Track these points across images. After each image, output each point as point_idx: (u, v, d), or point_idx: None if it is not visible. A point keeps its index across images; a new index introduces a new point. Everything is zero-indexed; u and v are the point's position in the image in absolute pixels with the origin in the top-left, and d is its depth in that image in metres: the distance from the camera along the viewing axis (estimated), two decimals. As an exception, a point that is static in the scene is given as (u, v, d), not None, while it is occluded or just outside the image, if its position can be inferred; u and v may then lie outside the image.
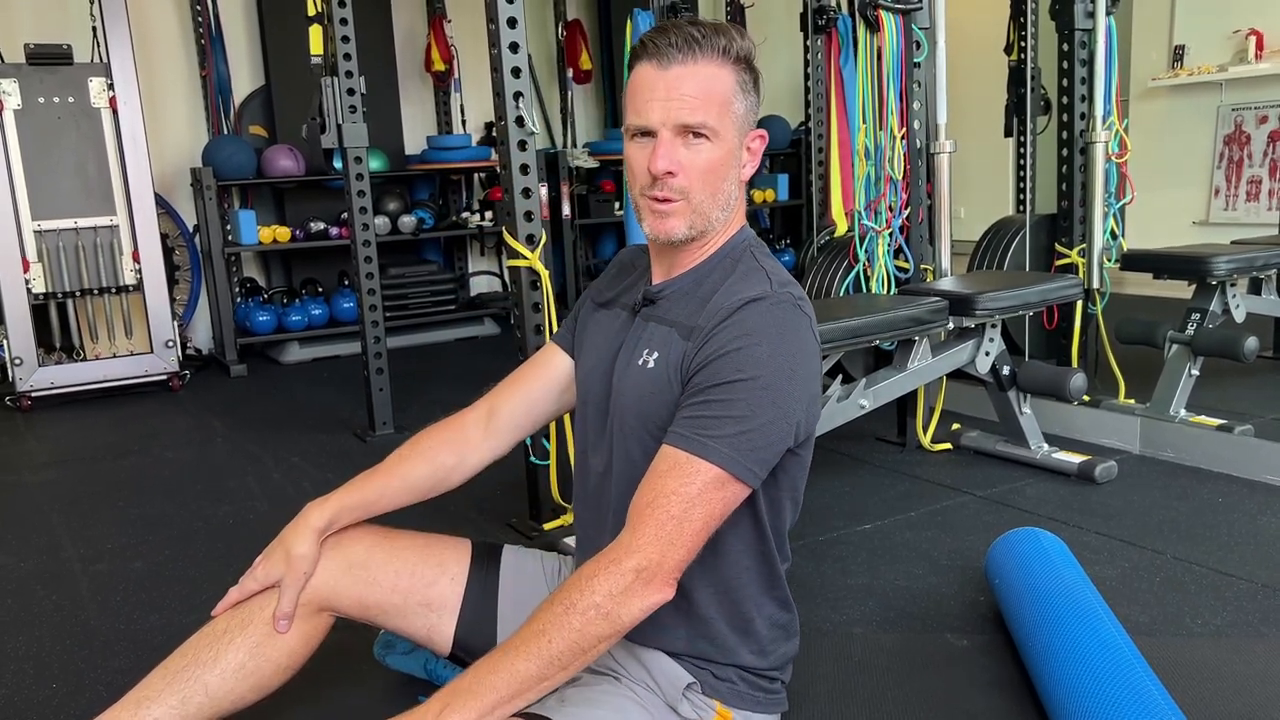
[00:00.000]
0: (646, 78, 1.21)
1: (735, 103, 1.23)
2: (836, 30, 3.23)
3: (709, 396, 1.15)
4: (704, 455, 1.13)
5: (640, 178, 1.24)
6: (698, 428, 1.14)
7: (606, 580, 1.09)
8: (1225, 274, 2.99)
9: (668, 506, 1.11)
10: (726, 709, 1.31)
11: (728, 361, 1.15)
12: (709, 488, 1.13)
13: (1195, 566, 2.13)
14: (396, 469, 1.46)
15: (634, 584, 1.09)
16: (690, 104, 1.19)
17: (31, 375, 4.18)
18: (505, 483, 2.78)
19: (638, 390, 1.26)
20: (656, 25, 1.23)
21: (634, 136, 1.24)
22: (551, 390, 1.51)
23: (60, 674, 1.90)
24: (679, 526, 1.11)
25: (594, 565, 1.12)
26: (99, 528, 2.72)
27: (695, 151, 1.21)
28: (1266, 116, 5.35)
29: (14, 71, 4.11)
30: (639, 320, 1.33)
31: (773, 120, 6.29)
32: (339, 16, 3.32)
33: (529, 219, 2.39)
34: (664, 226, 1.24)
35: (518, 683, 1.09)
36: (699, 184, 1.22)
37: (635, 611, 1.11)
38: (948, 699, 1.66)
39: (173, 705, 1.30)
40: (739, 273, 1.26)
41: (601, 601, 1.09)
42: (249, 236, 4.90)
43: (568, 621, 1.09)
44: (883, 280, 3.20)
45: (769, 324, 1.18)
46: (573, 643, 1.09)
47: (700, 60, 1.20)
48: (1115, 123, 3.31)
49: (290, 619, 1.36)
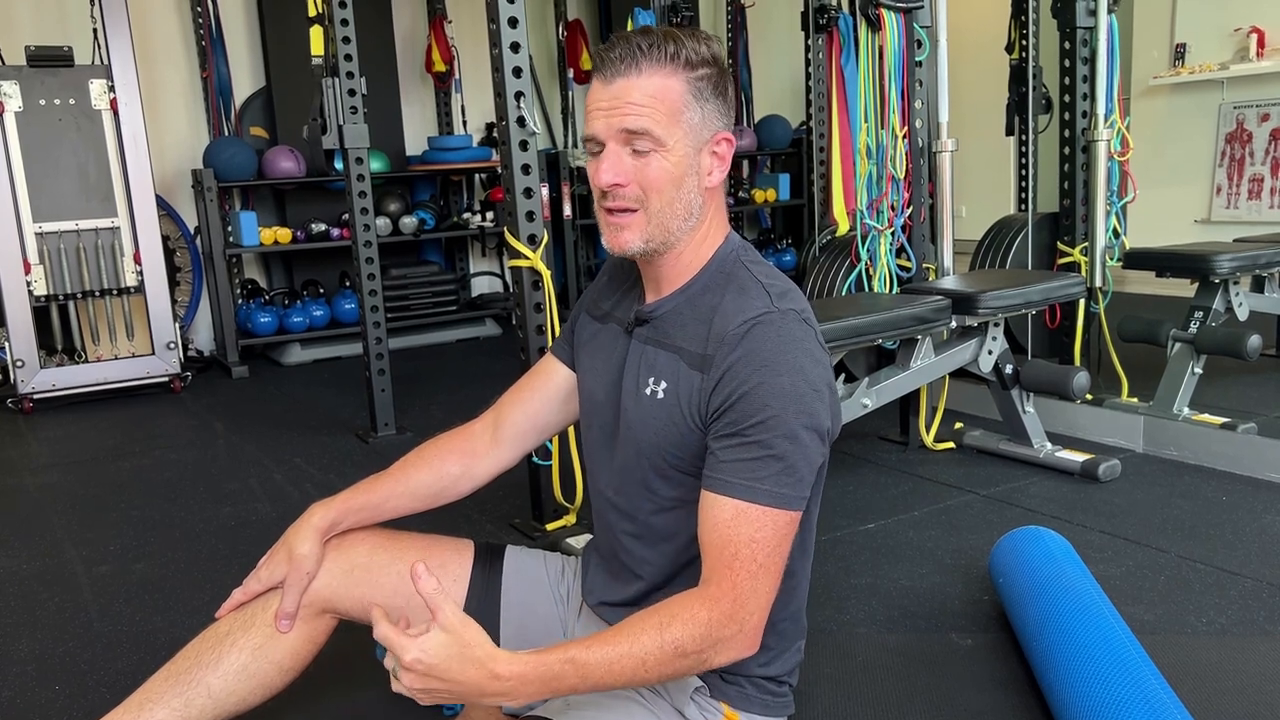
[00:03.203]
0: (594, 91, 1.20)
1: (687, 111, 1.18)
2: (838, 29, 3.22)
3: (747, 438, 1.14)
4: (765, 502, 1.13)
5: (596, 190, 1.23)
6: (746, 474, 1.13)
7: (708, 632, 1.10)
8: (1228, 272, 2.99)
9: (752, 555, 1.12)
10: (734, 712, 1.31)
11: (753, 400, 1.14)
12: (781, 529, 1.14)
13: (1199, 565, 2.12)
14: (403, 475, 1.45)
15: (733, 639, 1.12)
16: (633, 110, 1.16)
17: (33, 377, 4.18)
18: (508, 483, 2.76)
19: (650, 422, 1.25)
20: (612, 37, 1.21)
21: (590, 152, 1.23)
22: (553, 403, 1.50)
23: (63, 676, 1.90)
24: (766, 575, 1.14)
25: (698, 610, 1.11)
26: (101, 529, 2.72)
27: (644, 161, 1.18)
28: (1268, 114, 5.34)
29: (15, 73, 4.11)
30: (636, 342, 1.30)
31: (774, 119, 6.29)
32: (339, 17, 3.32)
33: (530, 219, 2.39)
34: (618, 240, 1.22)
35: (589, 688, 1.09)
36: (652, 193, 1.19)
37: (723, 662, 1.13)
38: (952, 698, 1.66)
39: (175, 707, 1.30)
40: (734, 288, 1.24)
41: (701, 650, 1.10)
42: (250, 238, 4.90)
43: (667, 663, 1.09)
44: (885, 279, 3.19)
45: (780, 348, 1.16)
46: (659, 677, 1.11)
47: (644, 71, 1.16)
48: (1117, 121, 3.31)
49: (292, 619, 1.35)
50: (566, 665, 1.07)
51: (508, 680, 1.04)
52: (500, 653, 1.05)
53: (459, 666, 1.03)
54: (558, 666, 1.06)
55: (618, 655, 1.07)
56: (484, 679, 1.04)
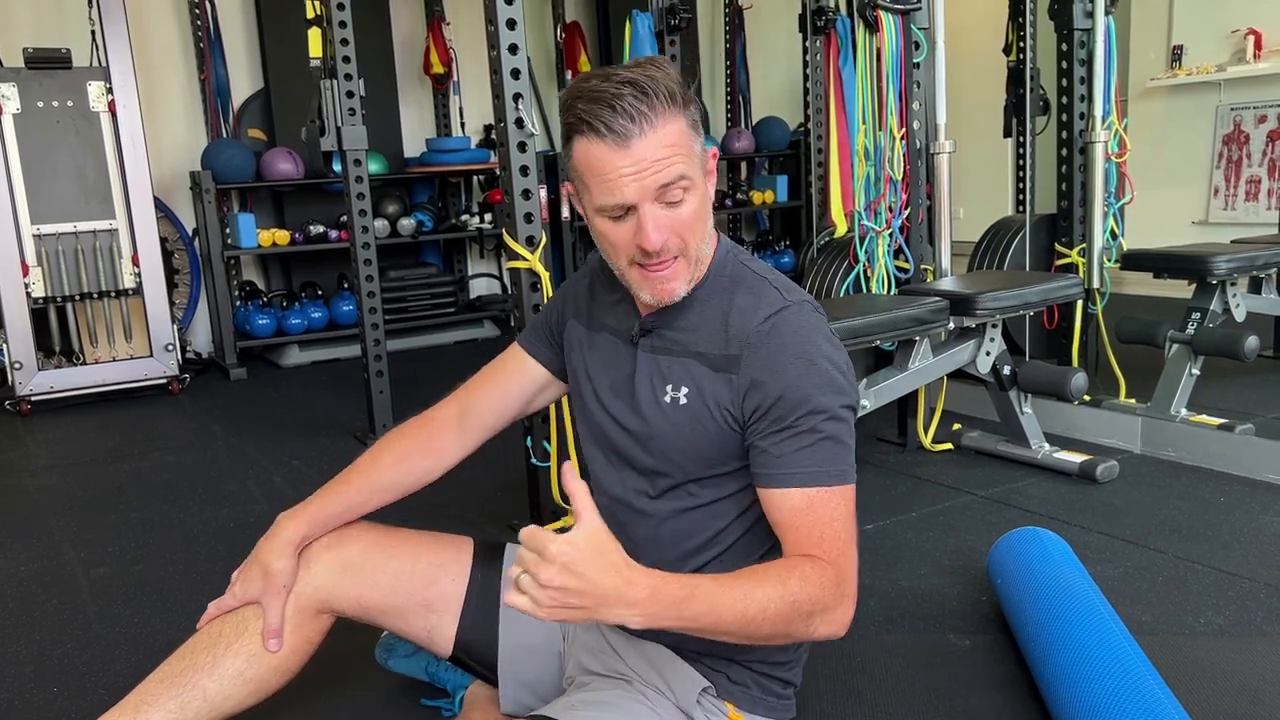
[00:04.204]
0: (605, 157, 1.14)
1: (694, 143, 1.19)
2: (835, 31, 3.22)
3: (798, 429, 1.17)
4: (831, 483, 1.17)
5: (626, 250, 1.20)
6: (806, 462, 1.17)
7: (821, 594, 1.12)
8: (1225, 273, 2.99)
9: (835, 533, 1.16)
10: (739, 713, 1.31)
11: (796, 392, 1.18)
12: (849, 501, 1.19)
13: (1197, 565, 2.13)
14: (368, 477, 1.44)
15: (836, 607, 1.14)
16: (661, 165, 1.14)
17: (31, 379, 4.18)
18: (506, 484, 2.78)
19: (678, 428, 1.26)
20: (588, 92, 1.15)
21: (612, 217, 1.18)
22: (523, 398, 1.51)
23: (61, 677, 1.90)
24: (850, 546, 1.18)
25: (809, 571, 1.12)
26: (99, 531, 2.72)
27: (678, 209, 1.17)
28: (1265, 116, 5.35)
29: (13, 75, 4.11)
30: (642, 352, 1.30)
31: (772, 121, 6.29)
32: (338, 19, 3.32)
33: (529, 221, 2.39)
34: (666, 290, 1.22)
35: (710, 622, 1.07)
36: (690, 236, 1.20)
37: (824, 633, 1.15)
38: (950, 699, 1.66)
39: (171, 710, 1.29)
40: (742, 288, 1.26)
41: (812, 613, 1.12)
42: (248, 240, 4.89)
43: (783, 617, 1.10)
44: (883, 281, 3.20)
45: (807, 338, 1.21)
46: (771, 631, 1.10)
47: (657, 123, 1.14)
48: (1114, 122, 3.31)
49: (279, 635, 1.34)
50: (696, 590, 1.05)
51: (643, 590, 1.02)
52: (636, 564, 1.03)
53: (599, 566, 1.00)
54: (688, 589, 1.05)
55: (743, 595, 1.07)
56: (621, 585, 1.00)
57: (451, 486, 1.56)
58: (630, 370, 1.32)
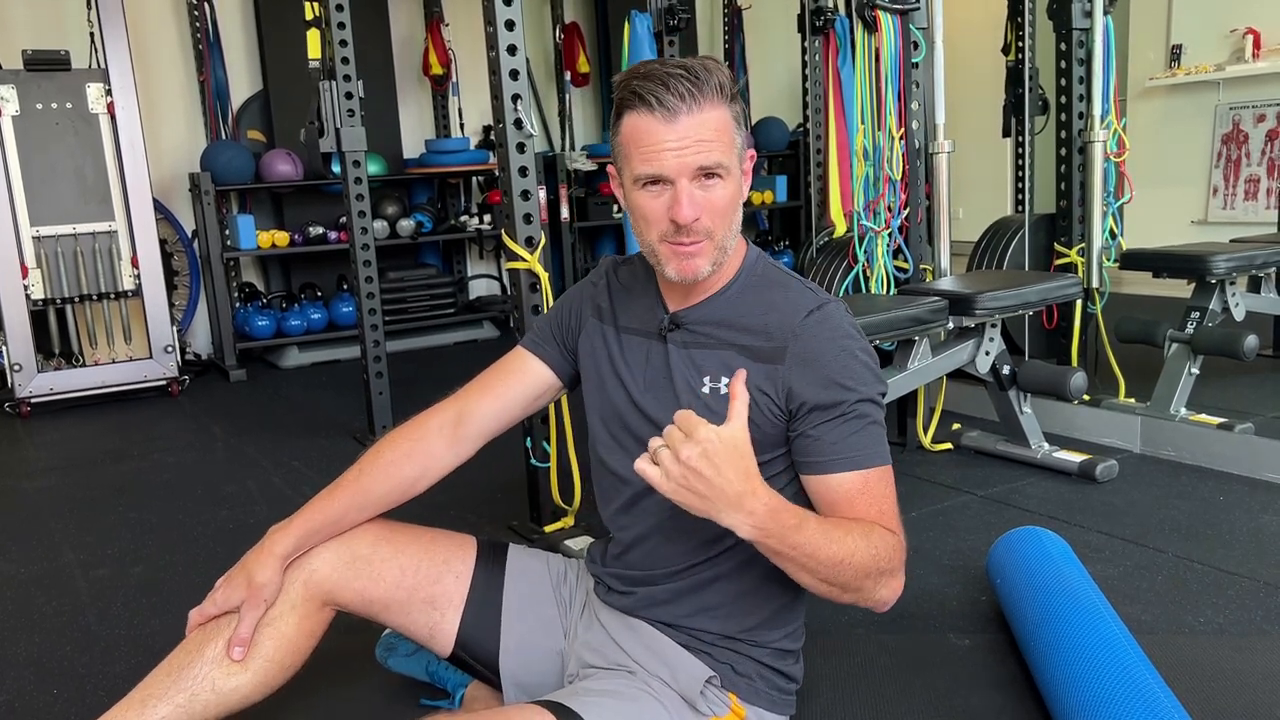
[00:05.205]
0: (652, 129, 1.20)
1: (735, 135, 1.25)
2: (834, 31, 3.23)
3: (847, 415, 1.25)
4: (879, 463, 1.26)
5: (658, 224, 1.25)
6: (858, 447, 1.25)
7: (893, 554, 1.20)
8: (1224, 272, 2.99)
9: (890, 508, 1.25)
10: (741, 705, 1.32)
11: (844, 382, 1.25)
12: (892, 479, 1.27)
13: (1197, 565, 2.13)
14: (359, 488, 1.43)
15: (897, 572, 1.22)
16: (705, 147, 1.20)
17: (30, 381, 4.18)
18: (506, 485, 2.78)
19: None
20: (643, 72, 1.21)
21: (644, 185, 1.23)
22: (524, 402, 1.50)
23: (61, 679, 1.90)
24: (900, 522, 1.26)
25: (883, 530, 1.21)
26: (99, 533, 2.72)
27: (711, 191, 1.23)
28: (1264, 115, 5.35)
29: (12, 77, 4.10)
30: (674, 347, 1.33)
31: (771, 122, 6.30)
32: (337, 21, 3.32)
33: (528, 221, 2.39)
34: (691, 267, 1.26)
35: (807, 554, 1.14)
36: (720, 221, 1.25)
37: (885, 597, 1.22)
38: (949, 698, 1.66)
39: (180, 703, 1.29)
40: (777, 287, 1.33)
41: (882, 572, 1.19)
42: (247, 241, 4.90)
43: (864, 568, 1.17)
44: (882, 280, 3.20)
45: (846, 332, 1.28)
46: (853, 578, 1.17)
47: (704, 105, 1.20)
48: (1114, 122, 3.31)
49: (247, 645, 1.33)
50: (806, 522, 1.14)
51: (763, 501, 1.10)
52: (761, 478, 1.11)
53: (735, 466, 1.08)
54: (799, 519, 1.13)
55: (839, 538, 1.15)
56: (746, 490, 1.09)
57: (451, 486, 1.56)
58: (663, 365, 1.34)
